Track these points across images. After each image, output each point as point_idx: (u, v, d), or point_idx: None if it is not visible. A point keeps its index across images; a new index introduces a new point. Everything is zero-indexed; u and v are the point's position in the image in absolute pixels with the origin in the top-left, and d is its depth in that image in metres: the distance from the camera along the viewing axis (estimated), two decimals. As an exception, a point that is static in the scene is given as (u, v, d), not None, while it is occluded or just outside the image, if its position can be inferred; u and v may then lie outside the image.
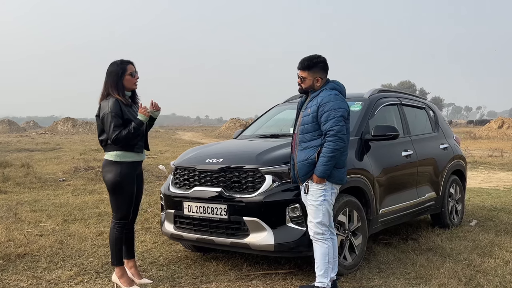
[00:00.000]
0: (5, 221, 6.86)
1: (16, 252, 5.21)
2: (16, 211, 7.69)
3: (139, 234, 6.22)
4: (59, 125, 53.62)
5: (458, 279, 4.52)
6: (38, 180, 11.16)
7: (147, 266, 4.96)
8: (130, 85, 4.28)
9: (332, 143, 3.95)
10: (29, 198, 8.94)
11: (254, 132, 6.06)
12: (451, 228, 6.47)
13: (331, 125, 3.97)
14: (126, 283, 4.24)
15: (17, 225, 6.63)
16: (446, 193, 6.47)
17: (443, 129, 6.83)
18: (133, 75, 4.27)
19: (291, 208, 4.33)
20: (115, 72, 4.22)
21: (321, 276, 4.03)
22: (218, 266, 4.92)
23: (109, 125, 4.09)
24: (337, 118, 3.98)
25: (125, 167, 4.20)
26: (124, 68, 4.23)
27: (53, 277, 4.54)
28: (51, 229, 6.47)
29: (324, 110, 4.01)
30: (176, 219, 4.86)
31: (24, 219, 7.04)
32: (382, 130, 5.16)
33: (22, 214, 7.44)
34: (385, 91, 6.08)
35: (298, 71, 4.22)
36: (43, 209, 7.83)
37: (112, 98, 4.15)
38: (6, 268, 4.78)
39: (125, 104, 4.19)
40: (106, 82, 4.24)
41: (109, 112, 4.09)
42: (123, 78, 4.21)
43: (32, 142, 31.29)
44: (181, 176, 4.91)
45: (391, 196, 5.36)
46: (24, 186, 10.45)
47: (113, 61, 4.29)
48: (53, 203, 8.49)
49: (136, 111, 4.27)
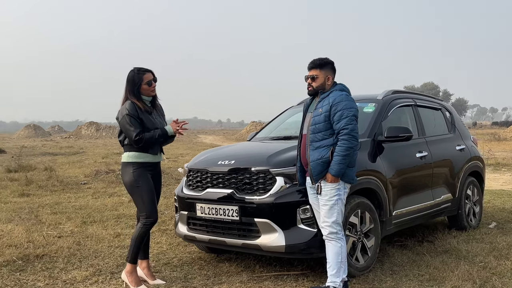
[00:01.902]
0: (26, 223, 7.02)
1: (34, 253, 5.33)
2: (37, 213, 7.86)
3: (155, 235, 6.30)
4: (83, 130, 54.44)
5: (473, 281, 4.47)
6: (60, 183, 11.38)
7: (161, 267, 5.02)
8: (147, 93, 4.40)
9: (347, 141, 3.99)
10: (50, 201, 9.12)
11: (267, 135, 6.09)
12: (468, 230, 6.39)
13: (345, 123, 4.01)
14: (133, 283, 4.32)
15: (37, 227, 6.78)
16: (463, 194, 6.39)
17: (459, 130, 6.76)
18: (150, 83, 4.37)
19: (302, 210, 4.35)
20: (132, 81, 4.35)
21: (333, 275, 4.04)
22: (231, 267, 4.96)
23: (128, 126, 4.23)
24: (350, 117, 4.03)
25: (136, 167, 4.33)
26: (141, 77, 4.34)
27: (69, 277, 4.64)
28: (70, 230, 6.60)
29: (337, 110, 4.05)
30: (189, 220, 4.92)
31: (45, 221, 7.19)
32: (395, 131, 5.15)
33: (43, 216, 7.60)
34: (400, 92, 6.05)
35: (308, 72, 4.27)
36: (63, 211, 7.99)
37: (129, 101, 4.29)
38: (24, 269, 4.90)
39: (143, 110, 4.31)
40: (126, 88, 4.38)
41: (127, 114, 4.23)
42: (140, 87, 4.35)
43: (56, 146, 31.88)
44: (194, 178, 4.97)
45: (405, 198, 5.33)
46: (46, 189, 10.66)
47: (133, 67, 4.42)
48: (73, 205, 8.65)
49: (156, 117, 4.40)
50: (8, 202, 9.07)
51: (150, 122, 4.33)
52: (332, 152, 4.04)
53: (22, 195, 9.85)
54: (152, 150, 4.38)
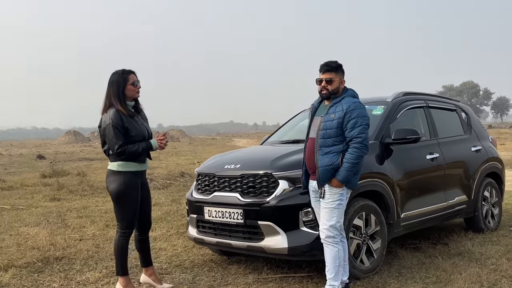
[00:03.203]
0: (52, 226, 7.32)
1: (54, 255, 5.57)
2: (64, 217, 8.16)
3: (172, 238, 6.47)
4: (120, 135, 55.55)
5: (480, 284, 4.44)
6: (90, 188, 11.72)
7: (173, 269, 5.17)
8: (132, 94, 4.33)
9: (358, 150, 4.02)
10: (78, 205, 9.44)
11: (279, 138, 6.18)
12: (485, 232, 6.30)
13: (359, 132, 4.03)
14: None
15: (62, 230, 7.06)
16: (480, 196, 6.31)
17: (476, 131, 6.67)
18: (135, 84, 4.32)
19: (304, 212, 4.41)
20: (116, 82, 4.26)
21: (331, 279, 4.09)
22: (239, 269, 5.07)
23: (111, 137, 4.15)
24: (363, 125, 4.06)
25: (128, 177, 4.25)
26: (126, 78, 4.27)
27: (83, 279, 4.84)
28: (91, 234, 6.84)
29: (351, 117, 4.06)
30: (198, 223, 5.07)
31: (70, 225, 7.47)
32: (402, 134, 5.14)
33: (69, 220, 7.89)
34: (411, 94, 6.02)
35: (321, 75, 4.23)
36: (88, 215, 8.27)
37: (113, 110, 4.20)
38: (43, 270, 5.13)
39: (126, 115, 4.23)
40: (108, 92, 4.28)
41: (110, 123, 4.14)
42: (125, 88, 4.29)
43: (93, 152, 32.68)
44: (203, 182, 5.11)
45: (414, 200, 5.31)
46: (76, 193, 11.02)
47: (115, 71, 4.35)
48: (99, 209, 8.93)
49: (139, 120, 4.33)
50: (39, 206, 9.44)
51: (135, 129, 4.24)
52: (341, 159, 4.08)
53: (53, 199, 10.21)
54: (139, 160, 4.31)
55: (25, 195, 11.01)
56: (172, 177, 13.35)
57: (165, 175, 13.56)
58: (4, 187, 12.16)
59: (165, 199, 9.91)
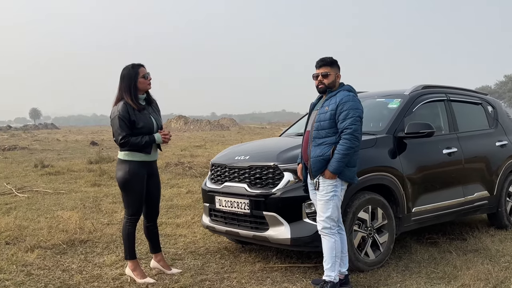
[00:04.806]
0: (86, 211, 7.72)
1: (80, 238, 5.91)
2: (100, 202, 8.57)
3: (194, 226, 6.69)
4: (172, 123, 56.91)
5: (486, 281, 4.38)
6: (130, 175, 12.15)
7: (187, 255, 5.38)
8: (144, 87, 4.51)
9: (348, 141, 4.07)
10: (115, 191, 9.82)
11: (295, 130, 6.24)
12: (509, 229, 6.15)
13: (349, 123, 4.08)
14: (139, 276, 4.53)
15: (93, 215, 7.44)
16: (504, 192, 6.15)
17: (503, 125, 6.48)
18: (146, 77, 4.50)
19: (308, 204, 4.49)
20: (128, 76, 4.44)
21: (328, 269, 4.15)
22: (249, 257, 5.21)
23: (116, 128, 4.39)
24: (355, 117, 4.10)
25: (133, 166, 4.47)
26: (136, 71, 4.46)
27: (100, 261, 5.13)
28: (120, 219, 7.16)
29: (343, 109, 4.13)
30: (210, 212, 5.25)
31: (103, 210, 7.85)
32: (416, 128, 5.09)
33: (103, 205, 8.29)
34: (431, 87, 5.92)
35: (317, 70, 4.33)
36: (121, 201, 8.61)
37: (122, 102, 4.40)
38: (66, 252, 5.47)
39: (135, 108, 4.42)
40: (120, 86, 4.47)
41: (117, 115, 4.35)
42: (137, 81, 4.46)
43: (144, 139, 33.63)
44: (215, 172, 5.27)
45: (428, 195, 5.26)
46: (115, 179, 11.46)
47: (125, 65, 4.54)
48: (134, 195, 9.28)
49: (148, 113, 4.53)
50: (79, 191, 9.94)
51: (143, 121, 4.42)
52: (333, 150, 4.13)
53: (93, 185, 10.71)
54: (145, 151, 4.49)
55: (69, 180, 11.60)
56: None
57: (204, 163, 13.85)
58: (51, 172, 12.86)
59: (198, 187, 10.15)
